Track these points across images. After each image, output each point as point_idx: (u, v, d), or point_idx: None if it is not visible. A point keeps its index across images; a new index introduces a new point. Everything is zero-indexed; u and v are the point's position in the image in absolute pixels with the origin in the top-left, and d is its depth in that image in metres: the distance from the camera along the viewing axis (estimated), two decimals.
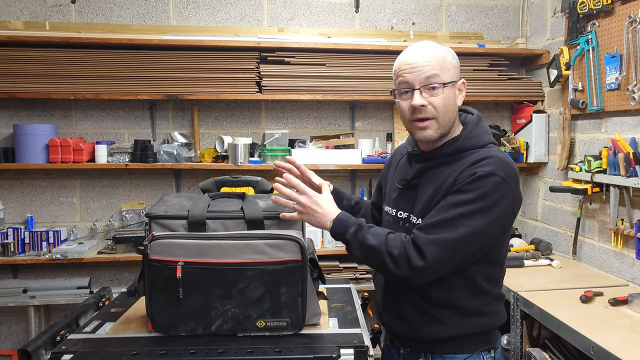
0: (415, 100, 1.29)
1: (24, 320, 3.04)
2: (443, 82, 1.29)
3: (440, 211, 1.27)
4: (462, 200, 1.24)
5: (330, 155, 3.01)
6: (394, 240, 1.27)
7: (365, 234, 1.29)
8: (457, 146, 1.34)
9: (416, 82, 1.30)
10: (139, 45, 2.86)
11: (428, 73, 1.28)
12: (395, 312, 1.41)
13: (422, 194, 1.36)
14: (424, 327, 1.35)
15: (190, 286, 1.25)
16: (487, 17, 3.35)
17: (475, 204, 1.24)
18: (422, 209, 1.34)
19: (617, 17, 2.37)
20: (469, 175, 1.26)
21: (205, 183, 1.53)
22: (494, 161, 1.27)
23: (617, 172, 2.30)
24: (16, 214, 3.08)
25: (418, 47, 1.33)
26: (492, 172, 1.25)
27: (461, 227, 1.23)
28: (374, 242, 1.27)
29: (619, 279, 2.42)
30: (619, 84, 2.36)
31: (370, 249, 1.28)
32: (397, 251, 1.25)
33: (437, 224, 1.25)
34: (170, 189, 3.19)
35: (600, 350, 1.68)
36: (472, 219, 1.23)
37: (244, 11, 3.18)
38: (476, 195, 1.24)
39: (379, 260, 1.27)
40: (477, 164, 1.27)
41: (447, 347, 1.35)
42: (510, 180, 1.27)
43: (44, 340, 1.28)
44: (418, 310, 1.35)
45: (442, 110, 1.30)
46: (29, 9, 3.02)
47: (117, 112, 3.12)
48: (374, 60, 3.00)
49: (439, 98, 1.29)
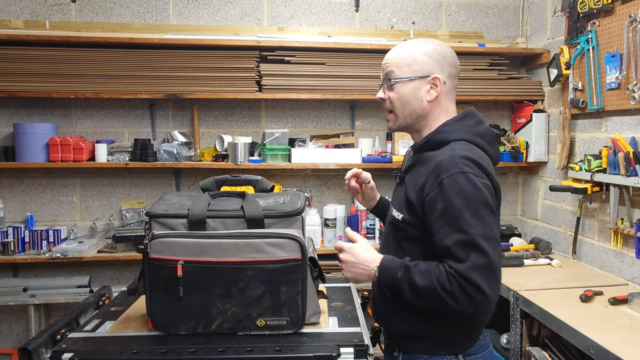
0: (378, 94, 1.47)
1: (24, 319, 3.04)
2: (396, 77, 1.39)
3: (447, 232, 1.22)
4: (457, 211, 1.21)
5: (330, 155, 3.01)
6: (440, 274, 1.20)
7: (414, 276, 1.23)
8: (427, 139, 1.38)
9: (382, 77, 1.45)
10: (139, 44, 2.86)
11: (386, 70, 1.43)
12: (374, 303, 1.46)
13: (404, 188, 1.40)
14: (391, 319, 1.39)
15: (190, 285, 1.25)
16: (487, 17, 3.35)
17: (464, 212, 1.21)
18: (396, 202, 1.42)
19: (618, 17, 2.37)
20: (436, 181, 1.24)
21: (205, 182, 1.53)
22: (451, 160, 1.25)
23: (617, 171, 2.30)
24: (16, 212, 3.08)
25: (392, 48, 1.46)
26: (459, 171, 1.23)
27: (478, 237, 1.19)
28: (425, 282, 1.21)
29: (618, 278, 2.42)
30: (619, 84, 2.36)
31: (429, 291, 1.20)
32: (449, 286, 1.18)
33: (457, 247, 1.19)
34: (170, 188, 3.19)
35: (600, 350, 1.68)
36: (482, 223, 1.21)
37: (244, 10, 3.18)
38: (461, 203, 1.21)
39: (436, 300, 1.20)
40: (438, 167, 1.26)
41: (413, 345, 1.37)
42: (481, 168, 1.26)
43: (44, 339, 1.29)
44: (387, 304, 1.38)
45: (397, 104, 1.41)
46: (29, 8, 3.02)
47: (117, 111, 3.12)
48: (374, 59, 3.00)
49: (393, 92, 1.41)
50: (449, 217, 1.21)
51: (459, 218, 1.20)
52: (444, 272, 1.19)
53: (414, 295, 1.23)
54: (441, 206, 1.23)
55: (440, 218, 1.23)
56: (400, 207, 1.37)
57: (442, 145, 1.33)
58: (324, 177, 3.29)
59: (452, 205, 1.21)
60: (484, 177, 1.25)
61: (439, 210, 1.23)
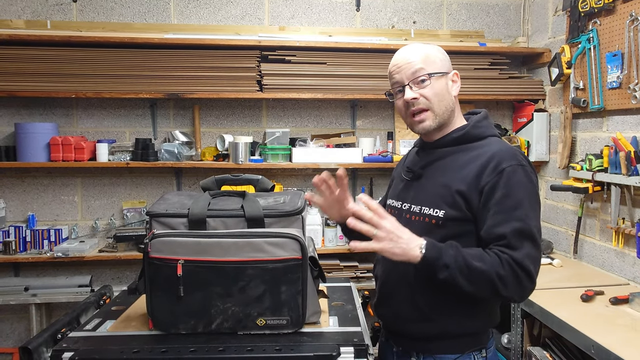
0: (407, 94, 1.35)
1: (25, 318, 3.05)
2: (429, 72, 1.34)
3: (503, 219, 1.24)
4: (517, 200, 1.25)
5: (331, 154, 3.01)
6: (492, 258, 1.21)
7: (466, 257, 1.20)
8: (465, 132, 1.37)
9: (405, 79, 1.36)
10: (140, 44, 2.86)
11: (413, 68, 1.35)
12: (389, 306, 1.42)
13: (428, 184, 1.37)
14: (415, 322, 1.35)
15: (190, 284, 1.25)
16: (488, 16, 3.34)
17: (525, 202, 1.25)
18: (426, 199, 1.35)
19: (619, 16, 2.37)
20: (496, 170, 1.27)
21: (205, 181, 1.53)
22: (510, 152, 1.31)
23: (618, 170, 2.30)
24: (18, 212, 3.08)
25: (403, 49, 1.41)
26: (518, 164, 1.28)
27: (534, 228, 1.25)
28: (479, 264, 1.19)
29: (620, 278, 2.42)
30: (620, 83, 2.35)
31: (481, 273, 1.19)
32: (503, 271, 1.19)
33: (513, 235, 1.22)
34: (171, 187, 3.19)
35: (600, 349, 1.68)
36: (535, 216, 1.27)
37: (245, 10, 3.18)
38: (523, 193, 1.26)
39: (486, 284, 1.20)
40: (496, 157, 1.29)
41: (438, 346, 1.35)
42: (531, 166, 1.33)
43: (45, 338, 1.29)
44: (411, 305, 1.35)
45: (434, 99, 1.35)
46: (31, 8, 3.02)
47: (118, 111, 3.12)
48: (375, 58, 3.00)
49: (428, 88, 1.35)
50: (508, 205, 1.24)
51: (517, 207, 1.23)
52: (497, 256, 1.21)
53: (465, 276, 1.19)
54: (500, 195, 1.25)
55: (496, 205, 1.25)
56: (436, 204, 1.32)
57: (479, 139, 1.37)
58: None
59: (513, 194, 1.24)
60: (535, 174, 1.32)
61: (497, 198, 1.25)
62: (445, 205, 1.31)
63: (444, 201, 1.31)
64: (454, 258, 1.20)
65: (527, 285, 1.21)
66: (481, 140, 1.37)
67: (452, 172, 1.34)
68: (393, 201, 1.48)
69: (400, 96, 1.39)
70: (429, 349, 1.36)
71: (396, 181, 1.55)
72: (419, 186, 1.40)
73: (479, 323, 1.37)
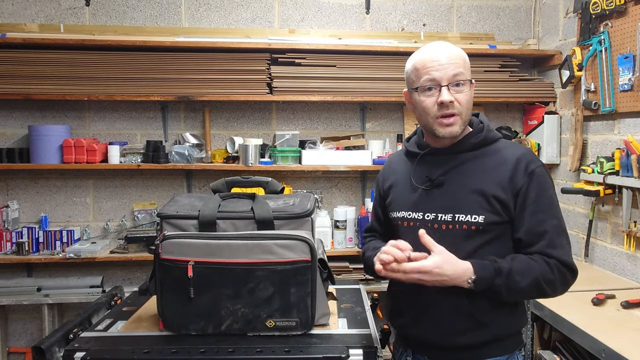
0: (445, 96, 1.29)
1: (37, 318, 3.09)
2: (467, 79, 1.33)
3: (543, 218, 1.30)
4: (549, 199, 1.32)
5: (340, 157, 3.01)
6: (540, 265, 1.27)
7: (515, 278, 1.24)
8: (483, 136, 1.37)
9: (444, 79, 1.30)
10: (151, 47, 2.89)
11: (455, 70, 1.30)
12: (432, 322, 1.34)
13: (455, 190, 1.33)
14: (466, 332, 1.31)
15: (200, 285, 1.26)
16: (498, 18, 3.33)
17: (555, 200, 1.34)
18: (457, 205, 1.31)
19: (631, 18, 2.35)
20: (526, 172, 1.31)
21: (216, 183, 1.54)
22: (531, 153, 1.38)
23: (629, 173, 2.28)
24: (31, 213, 3.12)
25: (439, 45, 1.35)
26: (542, 164, 1.35)
27: (564, 224, 1.35)
28: (528, 280, 1.25)
29: (631, 281, 2.40)
30: (632, 85, 2.34)
31: (532, 287, 1.26)
32: (552, 276, 1.28)
33: (554, 231, 1.30)
34: (182, 189, 3.21)
35: (611, 354, 1.67)
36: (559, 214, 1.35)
37: (255, 13, 3.19)
38: (551, 192, 1.33)
39: (535, 293, 1.31)
40: (523, 159, 1.33)
41: (490, 351, 1.33)
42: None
43: (57, 338, 1.30)
44: (462, 316, 1.31)
45: (465, 106, 1.34)
46: (44, 12, 3.06)
47: (129, 113, 3.15)
48: (385, 61, 3.00)
49: (464, 94, 1.32)
50: (543, 204, 1.30)
51: (551, 206, 1.31)
52: (544, 263, 1.27)
53: (515, 296, 1.30)
54: (534, 195, 1.30)
55: (531, 205, 1.30)
56: (473, 210, 1.30)
57: (493, 142, 1.39)
58: (335, 179, 3.30)
59: (545, 193, 1.31)
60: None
61: (532, 198, 1.30)
62: (483, 210, 1.29)
63: (481, 206, 1.29)
64: (505, 285, 1.24)
65: (571, 280, 1.32)
66: (494, 142, 1.39)
67: (480, 177, 1.32)
68: (410, 213, 1.38)
69: (430, 94, 1.31)
70: (480, 355, 1.33)
71: (402, 191, 1.44)
72: (444, 193, 1.34)
73: (521, 321, 1.41)
